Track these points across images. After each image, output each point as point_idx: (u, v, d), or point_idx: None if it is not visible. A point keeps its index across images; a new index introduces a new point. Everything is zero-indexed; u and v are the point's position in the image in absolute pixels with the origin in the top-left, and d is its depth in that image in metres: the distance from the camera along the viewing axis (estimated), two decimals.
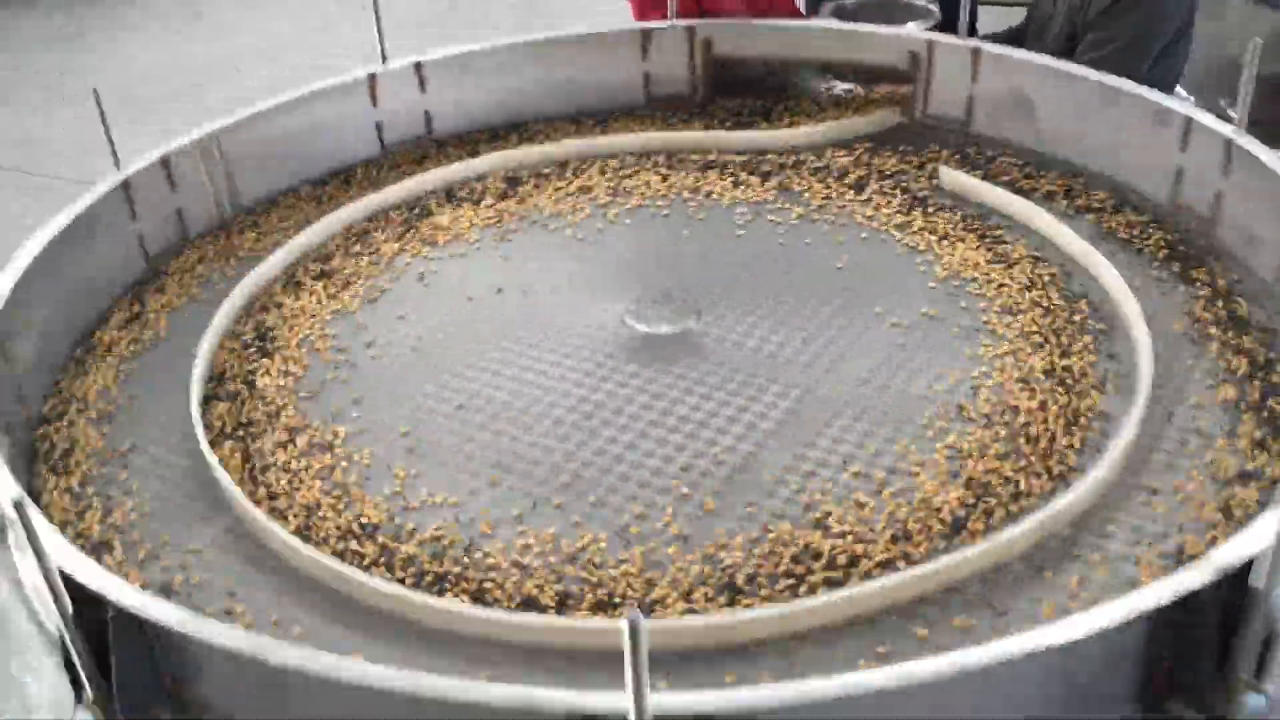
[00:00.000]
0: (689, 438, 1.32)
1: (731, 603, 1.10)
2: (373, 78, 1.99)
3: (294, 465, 1.31)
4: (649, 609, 1.10)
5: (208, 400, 1.44)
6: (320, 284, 1.67)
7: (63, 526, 1.24)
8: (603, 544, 1.18)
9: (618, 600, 1.11)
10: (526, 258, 1.72)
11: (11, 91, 5.11)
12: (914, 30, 2.12)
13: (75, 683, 0.97)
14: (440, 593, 1.13)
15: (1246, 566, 0.90)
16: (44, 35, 5.72)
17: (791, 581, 1.12)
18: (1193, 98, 3.06)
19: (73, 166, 3.90)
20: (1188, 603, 0.89)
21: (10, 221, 3.58)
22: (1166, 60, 2.35)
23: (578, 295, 1.61)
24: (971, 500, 1.21)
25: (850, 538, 1.17)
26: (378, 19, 1.94)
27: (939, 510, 1.20)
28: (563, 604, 1.11)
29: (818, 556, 1.15)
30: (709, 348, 1.48)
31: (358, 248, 1.76)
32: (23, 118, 4.78)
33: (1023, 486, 1.22)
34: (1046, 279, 1.57)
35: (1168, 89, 2.37)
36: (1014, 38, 2.58)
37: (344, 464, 1.31)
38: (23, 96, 5.03)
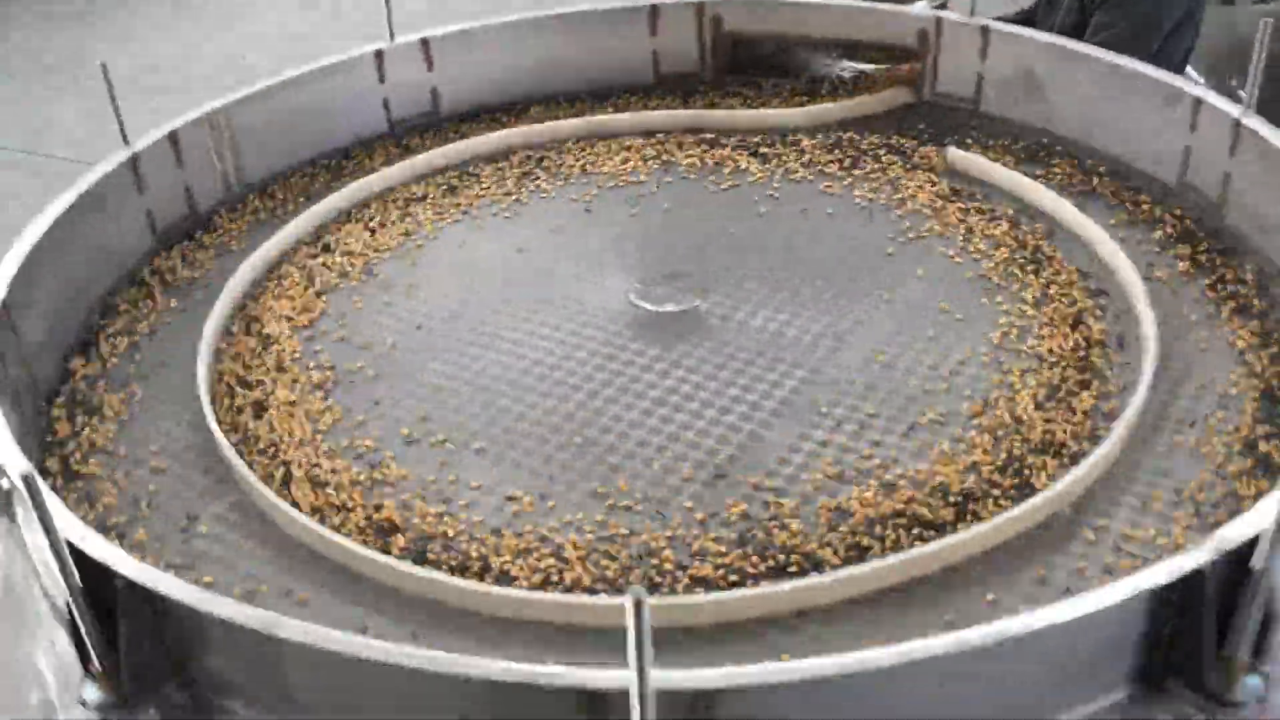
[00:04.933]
0: (694, 416, 1.32)
1: (734, 580, 1.11)
2: (379, 54, 1.99)
3: (299, 439, 1.32)
4: (651, 585, 1.10)
5: (216, 377, 1.44)
6: (327, 260, 1.68)
7: (72, 501, 1.25)
8: (605, 520, 1.18)
9: (619, 577, 1.12)
10: (532, 235, 1.72)
11: (20, 73, 5.11)
12: (923, 8, 2.11)
13: (83, 657, 0.98)
14: (444, 568, 1.13)
15: (1247, 547, 0.90)
16: (52, 18, 5.71)
17: (794, 560, 1.13)
18: (1203, 79, 3.04)
19: (82, 149, 3.91)
20: (1187, 583, 0.89)
21: (21, 203, 3.60)
22: (1175, 41, 2.34)
23: (584, 273, 1.61)
24: (976, 482, 1.21)
25: (853, 518, 1.17)
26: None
27: (943, 491, 1.20)
28: (563, 580, 1.12)
29: (820, 536, 1.15)
30: (714, 327, 1.48)
31: (365, 224, 1.76)
32: (32, 100, 4.78)
33: (1028, 468, 1.23)
34: (1054, 260, 1.57)
35: (1177, 70, 2.36)
36: (1025, 19, 2.57)
37: (347, 439, 1.32)
38: (32, 79, 5.03)
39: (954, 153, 1.82)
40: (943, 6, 2.15)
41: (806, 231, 1.68)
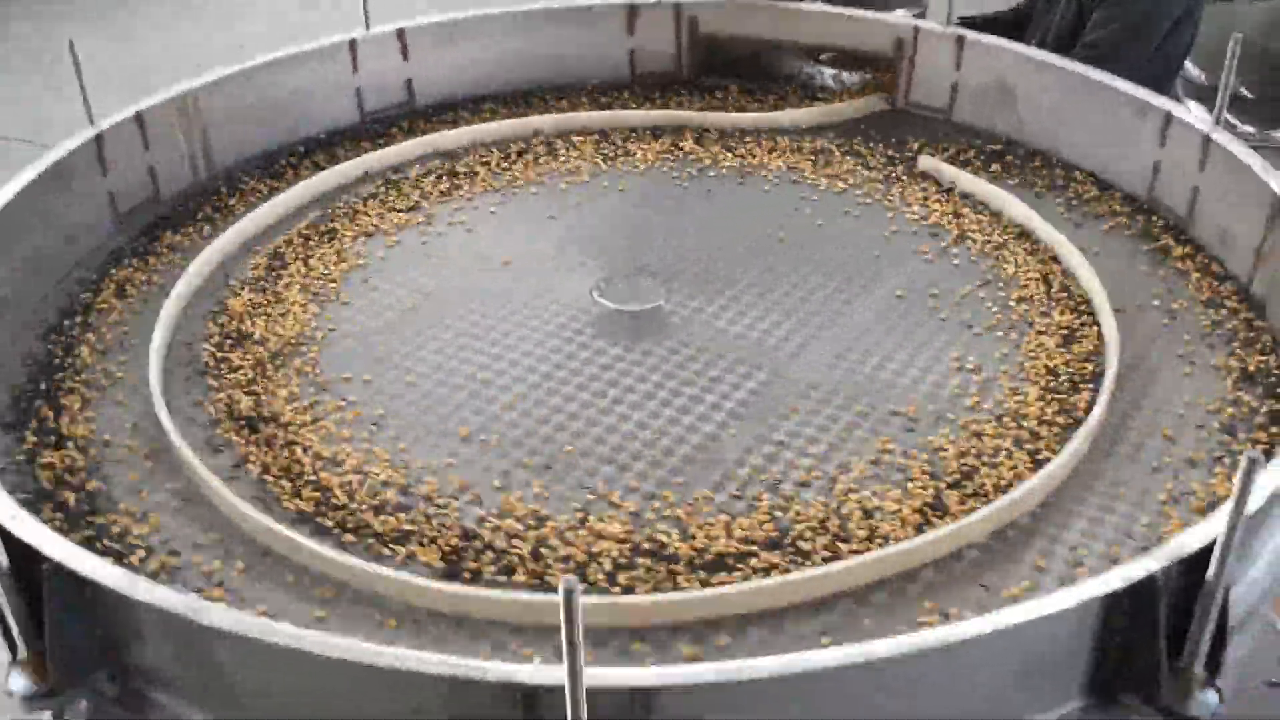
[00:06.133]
0: (652, 415, 1.30)
1: (682, 581, 1.09)
2: (353, 43, 1.97)
3: (259, 433, 1.29)
4: (603, 584, 1.08)
5: (174, 364, 1.41)
6: (292, 251, 1.65)
7: (13, 486, 1.21)
8: (560, 517, 1.16)
9: (564, 572, 1.09)
10: (500, 231, 1.70)
11: (17, 66, 5.06)
12: (901, 16, 2.10)
13: (9, 643, 0.95)
14: (396, 562, 1.11)
15: (1202, 556, 0.89)
16: (51, 17, 5.67)
17: (746, 561, 1.11)
18: (1203, 75, 3.06)
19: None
20: (1140, 590, 0.88)
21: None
22: (1174, 38, 2.32)
23: (550, 269, 1.59)
24: (936, 485, 1.19)
25: (810, 520, 1.15)
26: None
27: (903, 495, 1.18)
28: (514, 575, 1.09)
29: (775, 537, 1.13)
30: (677, 325, 1.46)
31: (331, 216, 1.74)
32: (30, 92, 4.73)
33: (988, 473, 1.21)
34: (1021, 266, 1.56)
35: (1174, 68, 2.35)
36: (1021, 16, 2.55)
37: (309, 433, 1.29)
38: (30, 72, 4.98)
39: (926, 160, 1.81)
40: (921, 16, 2.14)
41: (775, 233, 1.67)
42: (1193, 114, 1.61)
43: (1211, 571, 0.86)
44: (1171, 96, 2.15)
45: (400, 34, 2.01)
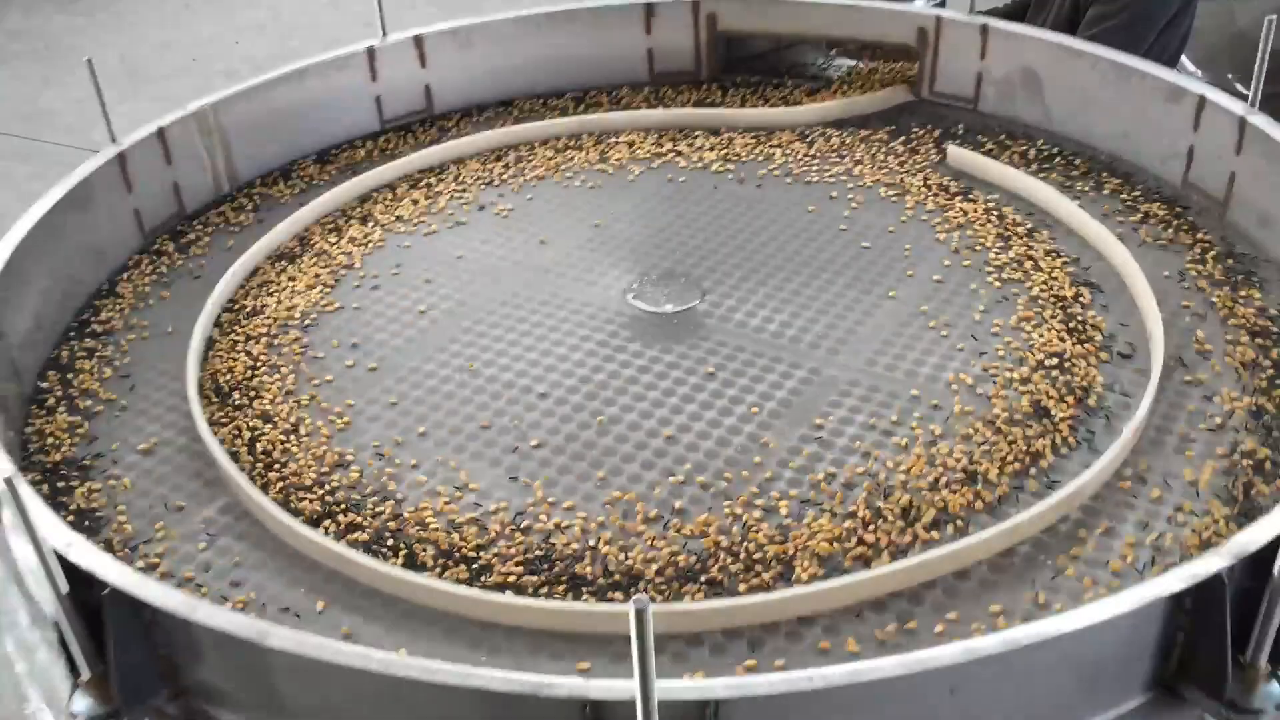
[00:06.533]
0: (693, 419, 1.30)
1: (734, 586, 1.08)
2: (371, 51, 1.96)
3: (289, 439, 1.29)
4: (651, 592, 1.08)
5: (206, 375, 1.41)
6: (319, 258, 1.65)
7: (56, 505, 1.22)
8: (604, 524, 1.16)
9: (619, 580, 1.09)
10: (529, 234, 1.70)
11: (15, 59, 5.08)
12: (922, 6, 2.09)
13: (71, 666, 0.95)
14: (438, 570, 1.11)
15: (1266, 552, 0.88)
16: (49, 9, 5.68)
17: (795, 565, 1.10)
18: (1200, 71, 3.03)
19: (76, 134, 3.89)
20: (1205, 588, 0.87)
21: (15, 187, 3.58)
22: (1170, 33, 2.32)
23: (581, 273, 1.59)
24: (982, 482, 1.19)
25: (857, 522, 1.15)
26: None
27: (948, 493, 1.18)
28: (560, 584, 1.09)
29: (824, 540, 1.13)
30: (713, 327, 1.46)
31: (356, 223, 1.74)
32: (28, 85, 4.74)
33: (1034, 468, 1.20)
34: (1056, 258, 1.55)
35: (1170, 63, 2.34)
36: (1018, 11, 2.54)
37: (342, 438, 1.29)
38: (27, 64, 4.99)
39: (954, 151, 1.80)
40: (942, 4, 2.13)
41: (806, 231, 1.66)
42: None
43: (1278, 568, 0.85)
44: None
45: (418, 40, 2.01)
